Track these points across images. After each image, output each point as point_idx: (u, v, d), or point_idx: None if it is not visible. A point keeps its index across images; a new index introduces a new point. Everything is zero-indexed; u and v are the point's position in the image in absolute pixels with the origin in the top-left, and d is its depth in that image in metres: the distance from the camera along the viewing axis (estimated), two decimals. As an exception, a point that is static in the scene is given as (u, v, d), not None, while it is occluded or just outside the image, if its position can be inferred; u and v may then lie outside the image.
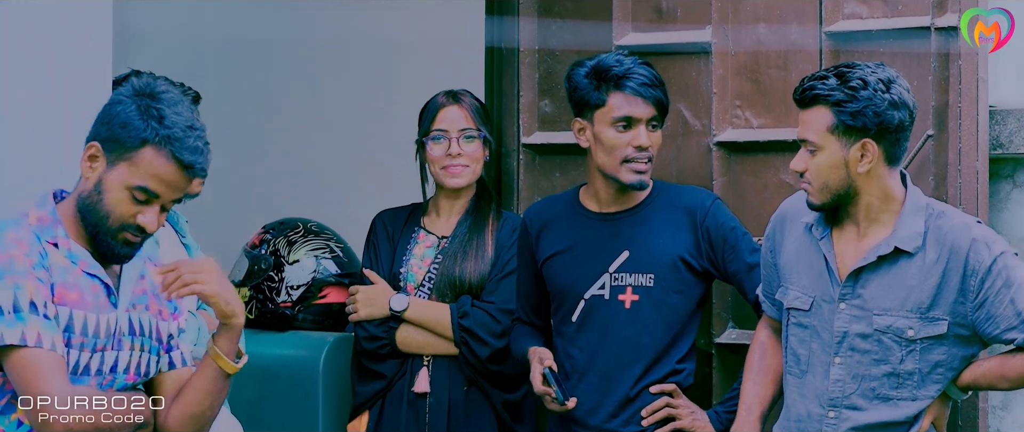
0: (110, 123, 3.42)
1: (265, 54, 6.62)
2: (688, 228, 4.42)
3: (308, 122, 6.65)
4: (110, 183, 3.42)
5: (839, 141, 3.82)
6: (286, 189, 6.52)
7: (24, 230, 3.41)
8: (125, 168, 3.41)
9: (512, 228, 4.76)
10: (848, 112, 3.79)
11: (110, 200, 3.42)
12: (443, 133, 4.74)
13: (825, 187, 3.87)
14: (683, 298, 4.42)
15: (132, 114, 3.41)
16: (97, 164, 3.44)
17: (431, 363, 4.73)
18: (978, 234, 3.86)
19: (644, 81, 4.33)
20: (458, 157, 4.73)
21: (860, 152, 3.83)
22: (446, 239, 4.78)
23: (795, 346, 4.01)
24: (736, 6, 4.78)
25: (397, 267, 4.77)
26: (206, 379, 3.52)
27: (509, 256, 4.72)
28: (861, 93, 3.79)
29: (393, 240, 4.81)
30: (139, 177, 3.41)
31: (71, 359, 3.39)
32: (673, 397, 4.40)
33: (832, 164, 3.84)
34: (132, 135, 3.41)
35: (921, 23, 4.53)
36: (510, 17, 5.13)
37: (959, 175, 4.47)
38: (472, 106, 4.77)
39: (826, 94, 3.81)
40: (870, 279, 3.89)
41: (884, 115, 3.80)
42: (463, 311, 4.67)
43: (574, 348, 4.46)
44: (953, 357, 3.89)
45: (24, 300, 3.31)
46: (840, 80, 3.81)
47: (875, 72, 3.83)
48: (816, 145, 3.85)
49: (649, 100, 4.34)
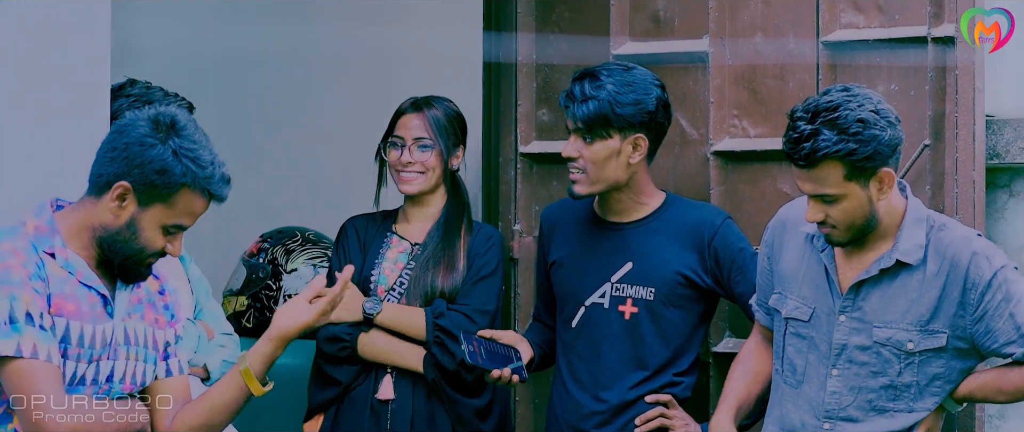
0: (144, 167, 3.40)
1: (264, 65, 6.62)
2: (695, 245, 4.42)
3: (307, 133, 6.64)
4: (146, 223, 3.44)
5: (858, 184, 3.78)
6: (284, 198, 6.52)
7: (21, 240, 3.41)
8: (161, 209, 3.43)
9: (487, 236, 4.75)
10: (862, 157, 3.74)
11: (146, 239, 3.45)
12: (399, 139, 4.75)
13: (852, 227, 3.84)
14: (683, 314, 4.42)
15: (168, 160, 3.40)
16: (127, 204, 3.43)
17: (395, 370, 4.72)
18: (978, 247, 3.85)
19: (569, 93, 4.35)
20: (409, 165, 4.74)
21: (879, 184, 3.81)
22: (419, 246, 4.77)
23: (792, 356, 4.00)
24: (733, 16, 4.79)
25: (368, 270, 4.76)
26: (229, 395, 3.55)
27: (483, 261, 4.70)
28: (866, 134, 3.73)
29: (364, 245, 4.80)
30: (176, 217, 3.45)
31: (67, 370, 3.39)
32: (668, 407, 4.40)
33: (858, 206, 3.81)
34: (171, 182, 3.41)
35: (918, 33, 4.54)
36: (508, 29, 5.13)
37: (956, 185, 4.48)
38: (433, 116, 4.75)
39: (834, 150, 3.74)
40: (871, 292, 3.89)
41: (890, 142, 3.77)
42: (439, 311, 4.66)
43: (573, 354, 4.47)
44: (951, 370, 3.89)
45: (20, 311, 3.31)
46: (837, 130, 3.73)
47: (862, 105, 3.76)
48: (836, 196, 3.79)
49: (568, 114, 4.35)
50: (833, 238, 3.88)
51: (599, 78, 4.31)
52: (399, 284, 4.74)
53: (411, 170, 4.73)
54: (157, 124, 3.43)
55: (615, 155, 4.34)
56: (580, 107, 4.30)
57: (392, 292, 4.73)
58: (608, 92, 4.30)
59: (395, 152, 4.75)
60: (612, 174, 4.36)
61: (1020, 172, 4.69)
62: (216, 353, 4.34)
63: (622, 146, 4.34)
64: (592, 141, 4.33)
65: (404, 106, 4.79)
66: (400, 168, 4.74)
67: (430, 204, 4.79)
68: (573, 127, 4.34)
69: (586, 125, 4.30)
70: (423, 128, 4.74)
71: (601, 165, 4.34)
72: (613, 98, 4.29)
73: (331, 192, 6.48)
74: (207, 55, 6.45)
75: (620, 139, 4.33)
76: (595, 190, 4.37)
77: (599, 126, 4.30)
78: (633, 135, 4.34)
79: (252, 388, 3.53)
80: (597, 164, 4.34)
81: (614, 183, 4.37)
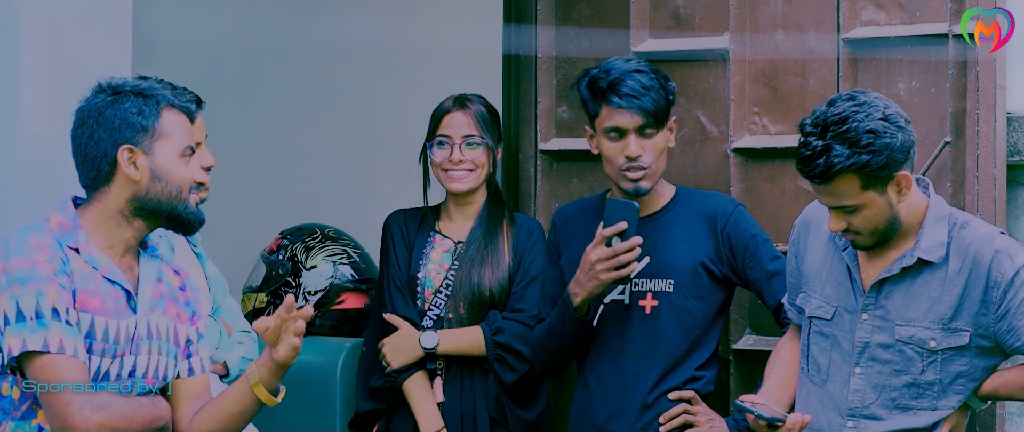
0: (124, 120, 3.48)
1: (283, 61, 6.63)
2: (709, 234, 4.42)
3: (326, 128, 6.65)
4: (163, 163, 3.50)
5: (876, 191, 3.77)
6: (304, 195, 6.53)
7: (46, 236, 3.42)
8: (165, 142, 3.50)
9: (529, 230, 4.77)
10: (875, 167, 3.73)
11: (174, 176, 3.51)
12: (446, 138, 4.74)
13: (875, 232, 3.83)
14: (703, 304, 4.42)
15: (135, 100, 3.50)
16: (138, 158, 3.48)
17: (444, 373, 4.73)
18: (1001, 245, 3.84)
19: (628, 91, 4.30)
20: (460, 163, 4.74)
21: (897, 188, 3.79)
22: (462, 244, 4.77)
23: (816, 354, 4.00)
24: (753, 13, 4.79)
25: (414, 270, 4.77)
26: (240, 405, 3.55)
27: (530, 260, 4.71)
28: (877, 144, 3.72)
29: (408, 242, 4.81)
30: (181, 140, 3.52)
31: (92, 365, 3.40)
32: (692, 403, 4.40)
33: (880, 212, 3.80)
34: (152, 110, 3.49)
35: (939, 30, 4.53)
36: (528, 24, 5.13)
37: (977, 182, 4.47)
38: (478, 112, 4.76)
39: (848, 164, 3.72)
40: (893, 290, 3.89)
41: (903, 146, 3.75)
42: (496, 328, 4.67)
43: (594, 353, 4.46)
44: (975, 368, 3.88)
45: (47, 307, 3.33)
46: (848, 144, 3.71)
47: (870, 114, 3.73)
48: (856, 207, 3.78)
49: (634, 110, 4.30)
50: (859, 244, 3.88)
51: (642, 71, 4.32)
52: (445, 286, 4.74)
53: (461, 168, 4.74)
54: (100, 89, 3.52)
55: (667, 143, 4.37)
56: (647, 99, 4.29)
57: (439, 294, 4.74)
58: (658, 81, 4.31)
59: (442, 151, 4.74)
60: (663, 163, 4.38)
61: (1041, 169, 4.68)
62: (235, 350, 4.35)
63: (669, 133, 4.37)
64: (655, 133, 4.33)
65: (445, 105, 4.78)
66: (449, 167, 4.74)
67: (474, 202, 4.80)
68: (640, 123, 4.30)
69: (655, 117, 4.30)
70: (470, 125, 4.74)
71: (660, 157, 4.36)
72: (664, 86, 4.32)
73: (351, 188, 6.49)
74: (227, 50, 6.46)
75: (667, 127, 4.35)
76: (654, 183, 4.38)
77: (664, 116, 4.32)
78: (671, 121, 4.37)
79: (265, 400, 3.54)
80: (657, 156, 4.35)
81: (662, 172, 4.39)
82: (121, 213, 3.49)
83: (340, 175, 6.59)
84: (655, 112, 4.31)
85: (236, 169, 6.05)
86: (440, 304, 4.74)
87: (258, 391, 3.52)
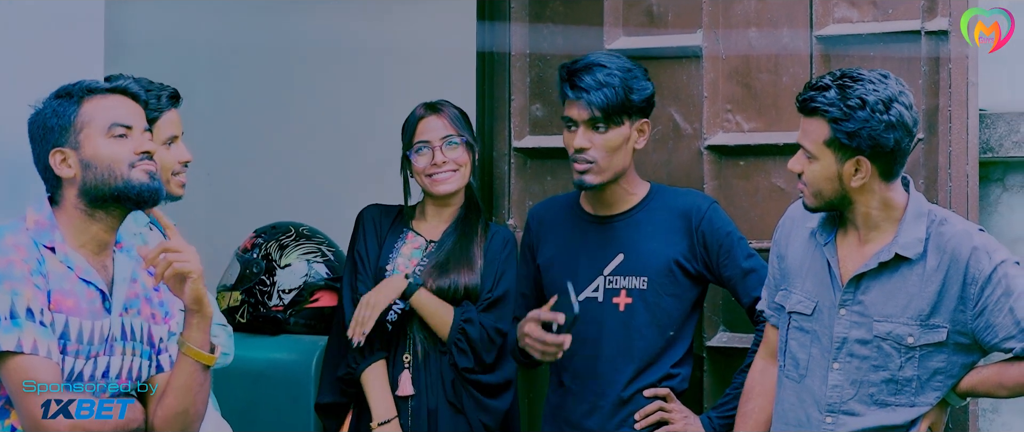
0: (44, 125, 3.51)
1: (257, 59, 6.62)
2: (683, 232, 4.42)
3: (300, 126, 6.65)
4: (90, 151, 3.48)
5: (834, 155, 3.81)
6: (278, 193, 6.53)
7: (22, 235, 3.42)
8: (89, 132, 3.49)
9: (503, 240, 4.77)
10: (844, 131, 3.77)
11: (102, 158, 3.48)
12: (425, 144, 4.74)
13: (818, 194, 3.87)
14: (677, 301, 4.42)
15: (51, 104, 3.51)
16: (70, 156, 3.49)
17: (411, 365, 4.73)
18: (979, 242, 3.85)
19: (581, 84, 4.32)
20: (443, 165, 4.74)
21: (854, 167, 3.82)
22: (433, 243, 4.78)
23: (795, 350, 4.01)
24: (727, 10, 4.79)
25: (383, 262, 4.77)
26: (183, 376, 3.50)
27: (501, 273, 4.72)
28: (858, 113, 3.76)
29: (380, 235, 4.81)
30: (102, 121, 3.49)
31: (66, 366, 3.39)
32: (667, 401, 4.41)
33: (826, 175, 3.84)
34: (66, 111, 3.49)
35: (912, 27, 4.55)
36: (501, 22, 5.13)
37: (949, 179, 4.49)
38: (452, 114, 4.77)
39: (825, 108, 3.79)
40: (871, 285, 3.90)
41: (879, 137, 3.78)
42: (468, 318, 4.67)
43: (568, 350, 4.46)
44: (953, 365, 3.89)
45: (21, 307, 3.32)
46: (841, 95, 3.78)
47: (877, 90, 3.78)
48: (812, 154, 3.84)
49: (581, 103, 4.32)
50: (804, 200, 3.92)
51: (606, 66, 4.32)
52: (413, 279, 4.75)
53: (444, 170, 4.74)
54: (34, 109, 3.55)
55: (625, 142, 4.35)
56: (596, 95, 4.30)
57: None
58: (619, 78, 4.31)
59: (423, 157, 4.74)
60: (620, 162, 4.37)
61: (1013, 166, 4.69)
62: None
63: (631, 132, 4.36)
64: (606, 129, 4.33)
65: (418, 112, 4.79)
66: (432, 171, 4.74)
67: (452, 203, 4.81)
68: (587, 116, 4.32)
69: (604, 113, 4.30)
70: (446, 126, 4.75)
71: (613, 154, 4.34)
72: (625, 84, 4.31)
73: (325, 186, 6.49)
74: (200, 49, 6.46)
75: (629, 125, 4.34)
76: (604, 179, 4.37)
77: (615, 113, 4.31)
78: (639, 120, 4.36)
79: (201, 360, 3.48)
80: (610, 153, 4.34)
81: (621, 171, 4.38)
82: (78, 208, 3.49)
83: (314, 173, 6.59)
84: (604, 108, 4.30)
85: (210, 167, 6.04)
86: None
87: (190, 353, 3.47)
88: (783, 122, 4.72)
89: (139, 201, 3.51)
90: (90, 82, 3.54)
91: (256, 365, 5.01)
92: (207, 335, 3.49)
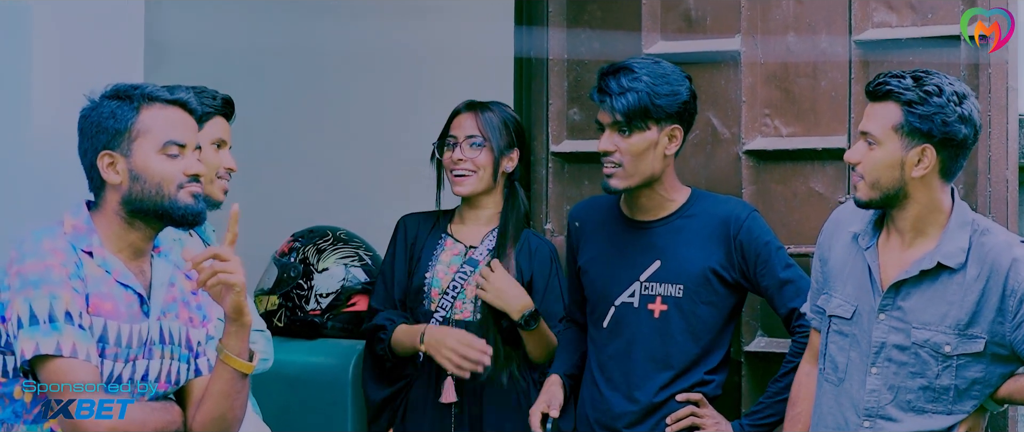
0: (100, 127, 3.47)
1: (295, 63, 6.63)
2: (721, 240, 4.42)
3: (338, 131, 6.66)
4: (141, 163, 3.47)
5: (901, 141, 3.81)
6: (315, 197, 6.53)
7: (60, 239, 3.42)
8: (143, 144, 3.47)
9: (549, 257, 4.77)
10: (917, 114, 3.78)
11: (152, 173, 3.46)
12: (453, 139, 4.76)
13: (876, 184, 3.85)
14: (713, 310, 4.41)
15: (110, 105, 3.48)
16: (118, 163, 3.47)
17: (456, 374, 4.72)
18: (1019, 254, 3.83)
19: (606, 88, 4.34)
20: (460, 162, 4.74)
21: (919, 157, 3.81)
22: (474, 249, 4.78)
23: (834, 353, 4.00)
24: (765, 15, 4.78)
25: (422, 272, 4.77)
26: (222, 382, 3.50)
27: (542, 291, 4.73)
28: (934, 99, 3.78)
29: (414, 245, 4.81)
30: (160, 136, 3.47)
31: (105, 369, 3.40)
32: (699, 406, 4.40)
33: (889, 162, 3.83)
34: (125, 113, 3.47)
35: (951, 32, 4.53)
36: (539, 26, 5.13)
37: (989, 184, 4.47)
38: (487, 117, 4.76)
39: (899, 91, 3.80)
40: (911, 292, 3.88)
41: (951, 126, 3.79)
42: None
43: (604, 354, 4.47)
44: (991, 374, 3.88)
45: (60, 310, 3.32)
46: (916, 82, 3.80)
47: (952, 84, 3.82)
48: (877, 139, 3.83)
49: (605, 108, 4.35)
50: (857, 195, 3.90)
51: (634, 70, 4.33)
52: (452, 288, 4.74)
53: (461, 168, 4.74)
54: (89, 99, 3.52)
55: (652, 147, 4.35)
56: (619, 99, 4.31)
57: (446, 295, 4.74)
58: (645, 84, 4.31)
59: (448, 152, 4.76)
60: (648, 167, 4.36)
61: (1053, 171, 4.67)
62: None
63: (659, 137, 4.36)
64: (630, 134, 4.33)
65: (459, 107, 4.80)
66: (452, 167, 4.74)
67: (484, 207, 4.80)
68: (610, 121, 4.34)
69: (626, 117, 4.31)
70: (475, 126, 4.75)
71: (638, 158, 4.35)
72: (651, 89, 4.31)
73: (362, 190, 6.49)
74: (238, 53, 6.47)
75: (657, 131, 4.34)
76: (631, 184, 4.37)
77: (638, 118, 4.31)
78: (669, 126, 4.36)
79: (239, 368, 3.48)
80: (635, 157, 4.34)
81: (649, 176, 4.38)
82: (119, 216, 3.49)
83: (352, 177, 6.60)
84: (626, 113, 4.31)
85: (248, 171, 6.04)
86: (446, 306, 4.74)
87: (229, 361, 3.47)
88: (821, 127, 4.71)
89: (181, 222, 3.51)
90: (151, 89, 3.51)
91: (293, 369, 5.01)
92: (244, 343, 3.49)
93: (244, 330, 3.47)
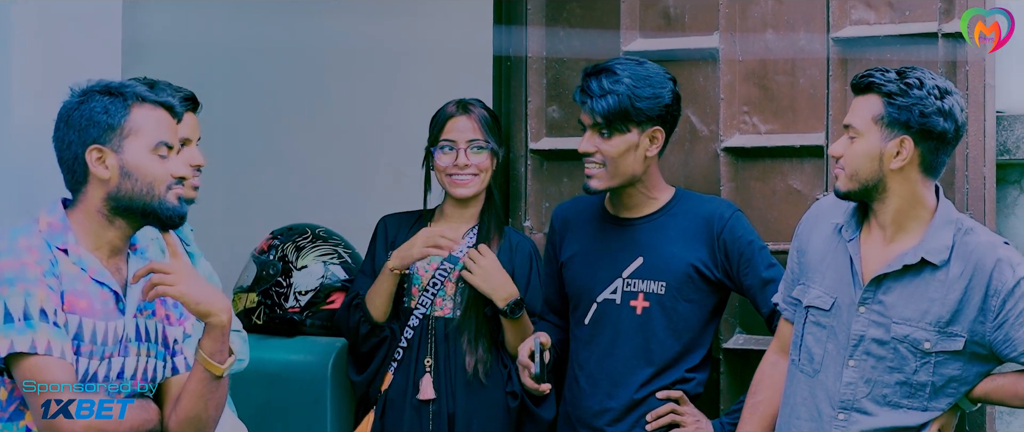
0: (90, 120, 3.47)
1: (275, 61, 6.62)
2: (705, 238, 4.43)
3: (317, 129, 6.65)
4: (134, 161, 3.48)
5: (880, 132, 3.84)
6: (295, 195, 6.52)
7: (35, 237, 3.42)
8: (135, 141, 3.48)
9: (529, 254, 4.78)
10: (896, 105, 3.81)
11: (145, 172, 3.48)
12: (451, 143, 4.74)
13: (855, 175, 3.87)
14: (694, 307, 4.42)
15: (102, 99, 3.49)
16: (108, 158, 3.47)
17: (433, 370, 4.73)
18: (1003, 254, 3.85)
19: (586, 90, 4.37)
20: (465, 167, 4.73)
21: (897, 148, 3.83)
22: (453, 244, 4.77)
23: (810, 345, 4.00)
24: (743, 13, 4.79)
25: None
26: (196, 382, 3.50)
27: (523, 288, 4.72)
28: (914, 91, 3.81)
29: (395, 244, 4.80)
30: (152, 136, 3.49)
31: (80, 367, 3.40)
32: (679, 404, 4.41)
33: (867, 153, 3.85)
34: (117, 109, 3.47)
35: (928, 29, 4.54)
36: (518, 24, 5.13)
37: (966, 181, 4.48)
38: (482, 117, 4.76)
39: (881, 83, 3.84)
40: (893, 287, 3.89)
41: (930, 118, 3.81)
42: None
43: (585, 351, 4.47)
44: (968, 372, 3.89)
45: (35, 308, 3.32)
46: (899, 76, 3.85)
47: (934, 79, 3.85)
48: (858, 132, 3.86)
49: (586, 110, 4.37)
50: (837, 186, 3.92)
51: (615, 72, 4.33)
52: (432, 284, 4.74)
53: (466, 173, 4.73)
54: (74, 92, 3.52)
55: (633, 149, 4.36)
56: (598, 102, 4.32)
57: (426, 292, 4.74)
58: (626, 86, 4.32)
59: (447, 156, 4.74)
60: (629, 168, 4.38)
61: (1030, 168, 4.69)
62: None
63: (640, 140, 4.37)
64: (610, 136, 4.35)
65: (449, 110, 4.78)
66: (454, 172, 4.73)
67: (472, 206, 4.80)
68: (591, 122, 4.35)
69: (606, 119, 4.32)
70: (475, 129, 4.74)
71: (619, 159, 4.36)
72: (631, 92, 4.32)
73: (342, 188, 6.49)
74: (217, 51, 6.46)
75: (638, 132, 4.35)
76: (612, 185, 4.39)
77: (619, 120, 4.33)
78: (650, 128, 4.37)
79: (211, 369, 3.48)
80: (615, 158, 4.35)
81: (631, 177, 4.39)
82: (100, 213, 3.49)
83: (331, 175, 6.59)
84: (606, 115, 4.33)
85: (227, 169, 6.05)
86: (427, 303, 4.74)
87: (203, 363, 3.47)
88: (800, 124, 4.72)
89: (167, 223, 3.52)
90: (140, 89, 3.52)
91: (272, 366, 5.01)
92: (220, 343, 3.49)
93: (216, 331, 3.47)
